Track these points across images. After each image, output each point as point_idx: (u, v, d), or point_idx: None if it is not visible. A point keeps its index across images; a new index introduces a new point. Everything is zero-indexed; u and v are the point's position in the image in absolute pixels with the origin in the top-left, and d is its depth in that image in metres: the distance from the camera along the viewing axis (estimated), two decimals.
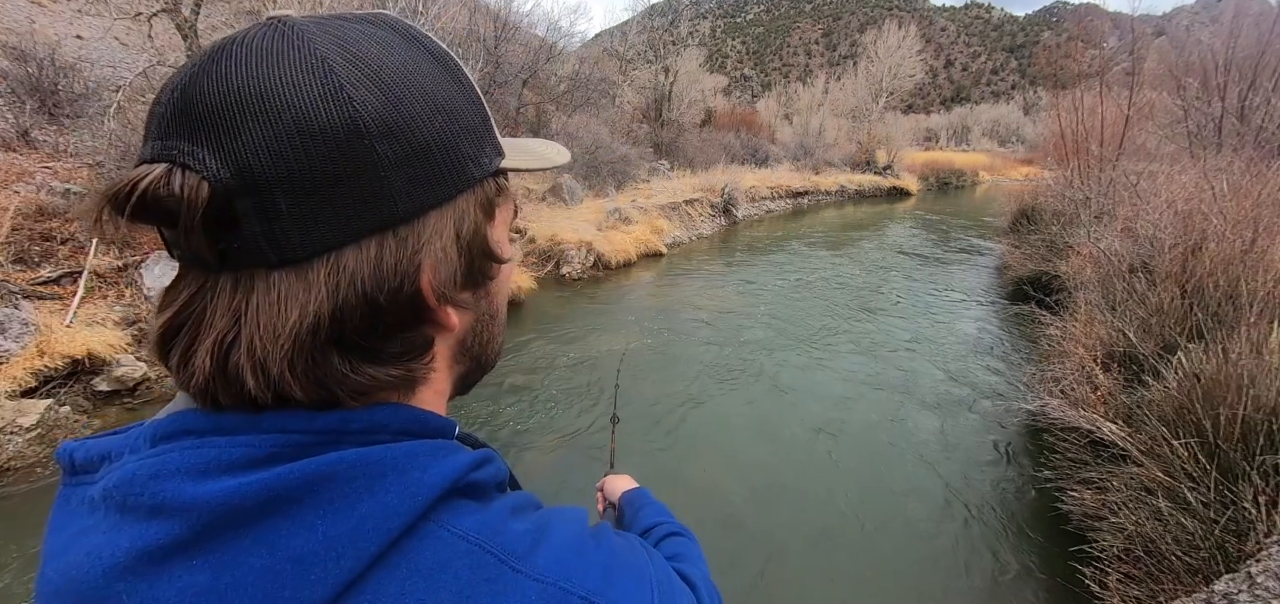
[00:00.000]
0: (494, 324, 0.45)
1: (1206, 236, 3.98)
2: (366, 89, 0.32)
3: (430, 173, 0.34)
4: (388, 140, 0.32)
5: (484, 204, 0.39)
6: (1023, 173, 25.91)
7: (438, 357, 0.40)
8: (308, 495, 0.31)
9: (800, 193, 18.24)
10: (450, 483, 0.34)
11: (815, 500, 3.52)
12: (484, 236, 0.39)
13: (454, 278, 0.37)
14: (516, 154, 0.43)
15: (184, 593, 0.28)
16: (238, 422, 0.33)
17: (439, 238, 0.36)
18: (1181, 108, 9.64)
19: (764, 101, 39.16)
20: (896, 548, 3.15)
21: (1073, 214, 7.55)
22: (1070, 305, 5.22)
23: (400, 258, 0.34)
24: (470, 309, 0.41)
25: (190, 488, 0.30)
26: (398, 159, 0.33)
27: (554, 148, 0.49)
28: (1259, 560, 2.05)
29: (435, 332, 0.39)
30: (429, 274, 0.35)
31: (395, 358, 0.36)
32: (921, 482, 3.72)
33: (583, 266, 8.54)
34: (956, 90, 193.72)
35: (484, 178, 0.39)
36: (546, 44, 14.43)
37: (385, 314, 0.34)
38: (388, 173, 0.32)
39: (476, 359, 0.45)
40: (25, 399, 3.88)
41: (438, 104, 0.35)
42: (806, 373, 5.38)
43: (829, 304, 7.61)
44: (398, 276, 0.34)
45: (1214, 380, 2.76)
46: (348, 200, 0.31)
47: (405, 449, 0.34)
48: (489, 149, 0.39)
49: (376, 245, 0.33)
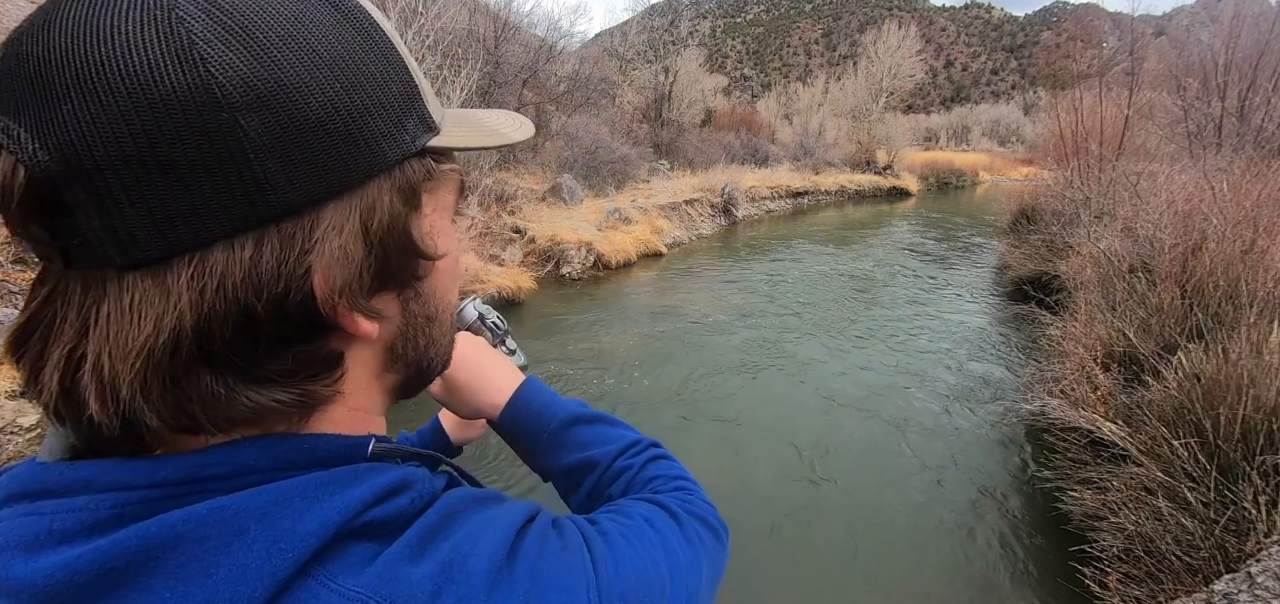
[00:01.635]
0: (433, 326, 0.39)
1: (1206, 236, 3.98)
2: (228, 48, 0.25)
3: (321, 155, 0.28)
4: (256, 113, 0.26)
5: (404, 191, 0.32)
6: (1023, 173, 25.93)
7: (353, 371, 0.34)
8: (153, 564, 0.26)
9: (800, 193, 18.24)
10: (335, 528, 0.28)
11: (813, 500, 3.52)
12: (404, 230, 0.33)
13: (360, 281, 0.31)
14: (459, 128, 0.37)
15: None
16: (71, 477, 0.28)
17: (337, 233, 0.29)
18: (1181, 108, 9.64)
19: (764, 101, 39.18)
20: (895, 547, 3.15)
21: (1073, 214, 7.55)
22: (1070, 305, 5.22)
23: (283, 258, 0.28)
24: (394, 315, 0.35)
25: (20, 566, 0.26)
26: (272, 138, 0.26)
27: (514, 121, 0.43)
28: (1259, 560, 2.05)
29: (345, 343, 0.33)
30: (323, 277, 0.29)
31: (286, 377, 0.30)
32: (921, 481, 3.72)
33: (582, 266, 8.54)
34: (956, 90, 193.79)
35: (404, 159, 0.32)
36: (546, 44, 14.43)
37: (267, 326, 0.28)
38: (259, 155, 0.26)
39: (414, 366, 0.39)
40: (25, 399, 3.88)
41: (334, 68, 0.28)
42: (805, 372, 5.38)
43: (828, 305, 7.61)
44: (280, 281, 0.28)
45: (1214, 380, 2.76)
46: (208, 189, 0.25)
47: (275, 492, 0.28)
48: (413, 124, 0.33)
49: (252, 244, 0.27)
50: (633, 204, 11.35)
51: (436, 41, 6.81)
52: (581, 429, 0.59)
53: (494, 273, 6.92)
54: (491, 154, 9.98)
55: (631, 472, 0.57)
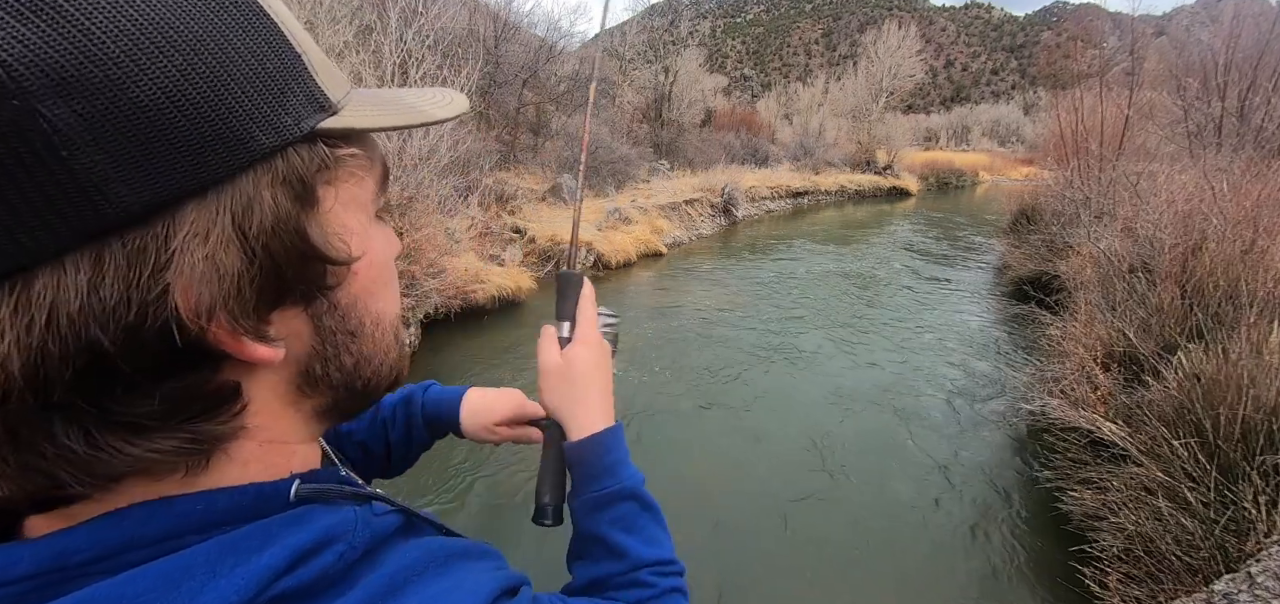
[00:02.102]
0: (360, 342, 0.33)
1: (1206, 236, 3.98)
2: (15, 18, 0.20)
3: (167, 145, 0.23)
4: (66, 100, 0.20)
5: (291, 183, 0.27)
6: (1023, 173, 25.92)
7: (259, 401, 0.29)
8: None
9: (800, 193, 18.24)
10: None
11: (812, 500, 3.52)
12: (297, 230, 0.27)
13: (242, 296, 0.25)
14: (369, 109, 0.32)
15: None
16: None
17: (201, 242, 0.24)
18: (1181, 108, 9.64)
19: (764, 101, 39.18)
20: (895, 547, 3.15)
21: (1073, 214, 7.55)
22: (1070, 305, 5.22)
23: (131, 279, 0.23)
24: (303, 333, 0.30)
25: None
26: (93, 129, 0.21)
27: (443, 97, 0.37)
28: (1259, 560, 2.05)
29: (241, 374, 0.28)
30: (185, 296, 0.24)
31: (165, 420, 0.25)
32: (921, 481, 3.72)
33: (583, 267, 8.54)
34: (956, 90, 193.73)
35: (284, 145, 0.27)
36: (546, 44, 14.43)
37: (120, 362, 0.23)
38: (77, 151, 0.21)
39: (345, 387, 0.33)
40: None
41: (172, 38, 0.23)
42: (805, 371, 5.37)
43: (829, 304, 7.61)
44: (131, 307, 0.23)
45: (1214, 380, 2.76)
46: (13, 199, 0.20)
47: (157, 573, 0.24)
48: (297, 102, 0.28)
49: (88, 264, 0.22)
50: (633, 204, 11.35)
51: (436, 41, 6.81)
52: (631, 511, 0.55)
53: (494, 273, 6.92)
54: (492, 154, 9.98)
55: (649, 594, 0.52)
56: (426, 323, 5.76)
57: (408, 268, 5.62)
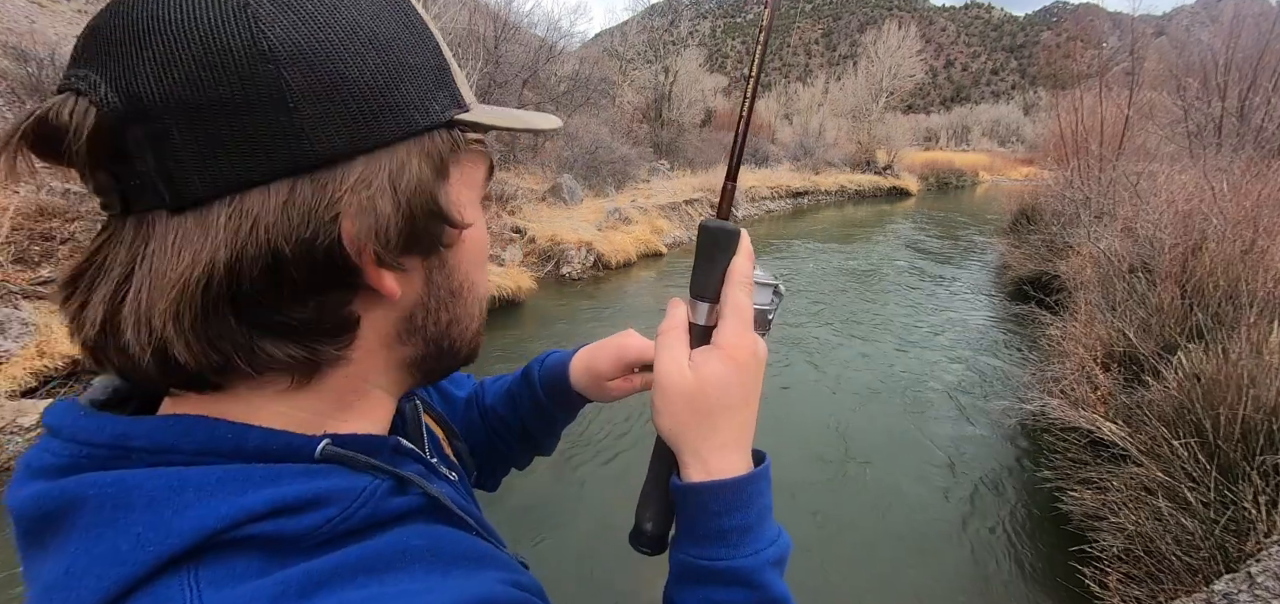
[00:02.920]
0: (457, 303, 0.39)
1: (1206, 236, 3.98)
2: (279, 11, 0.28)
3: (355, 111, 0.30)
4: (298, 68, 0.28)
5: (432, 157, 0.34)
6: (1023, 173, 25.93)
7: (367, 337, 0.35)
8: (68, 517, 0.28)
9: (800, 193, 18.24)
10: (207, 534, 0.27)
11: (811, 501, 3.52)
12: (431, 194, 0.34)
13: (388, 235, 0.31)
14: (490, 113, 0.38)
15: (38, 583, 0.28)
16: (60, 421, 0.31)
17: (366, 187, 0.31)
18: (1181, 108, 9.64)
19: (764, 101, 39.19)
20: (894, 546, 3.15)
21: (1073, 214, 7.55)
22: (1070, 305, 5.22)
23: (315, 204, 0.29)
24: (418, 281, 0.36)
25: (19, 488, 0.30)
26: (311, 91, 0.29)
27: (542, 116, 0.43)
28: (1259, 560, 2.05)
29: (364, 307, 0.34)
30: (351, 225, 0.30)
31: (301, 331, 0.31)
32: (920, 480, 3.72)
33: (583, 266, 8.54)
34: (956, 90, 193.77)
35: (431, 128, 0.34)
36: (546, 44, 14.43)
37: (292, 269, 0.29)
38: (299, 105, 0.28)
39: (435, 343, 0.38)
40: (25, 399, 3.88)
41: (371, 37, 0.31)
42: (804, 371, 5.37)
43: (828, 304, 7.61)
44: (310, 225, 0.29)
45: (1214, 380, 2.76)
46: (250, 134, 0.28)
47: (173, 478, 0.28)
48: (443, 97, 0.35)
49: (287, 189, 0.29)
50: (633, 204, 11.35)
51: None
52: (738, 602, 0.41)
53: (494, 273, 6.92)
54: (492, 153, 9.97)
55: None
56: None
57: None
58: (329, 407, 0.35)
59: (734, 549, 0.41)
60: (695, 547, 0.42)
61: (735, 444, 0.43)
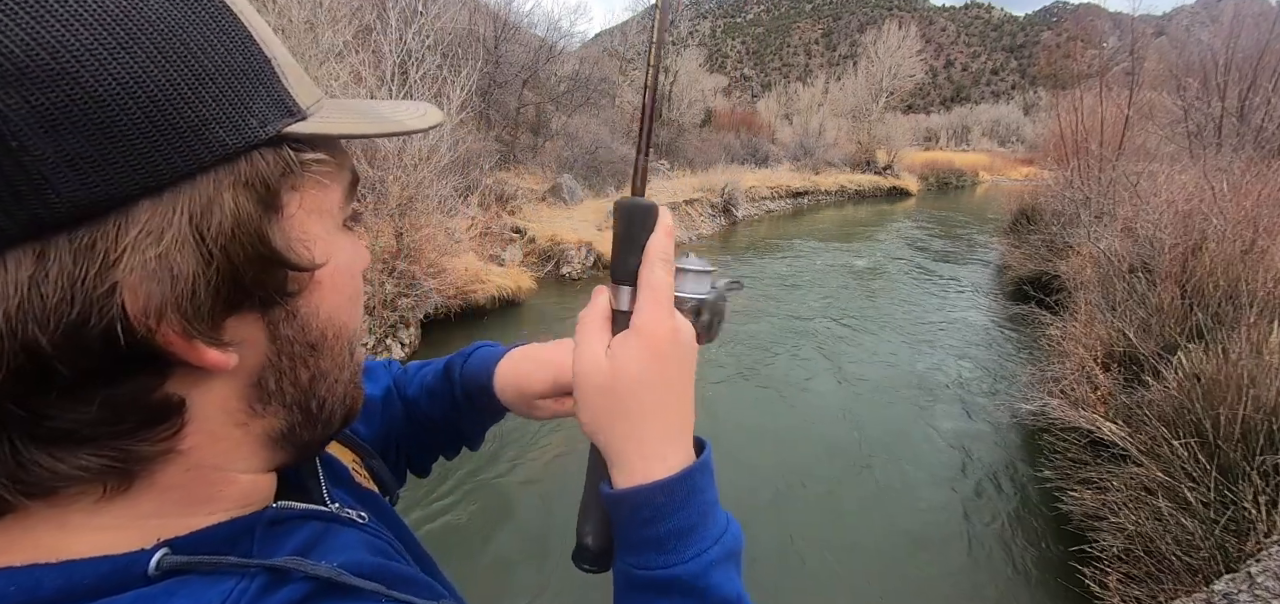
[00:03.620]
0: (320, 355, 0.31)
1: (1206, 236, 3.98)
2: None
3: (121, 140, 0.22)
4: (16, 88, 0.20)
5: (253, 186, 0.26)
6: (1023, 173, 25.92)
7: (203, 419, 0.28)
8: None
9: (800, 193, 18.24)
10: None
11: (810, 501, 3.52)
12: (257, 233, 0.26)
13: (197, 298, 0.24)
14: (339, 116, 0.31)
15: None
16: None
17: (154, 241, 0.23)
18: (1181, 108, 9.64)
19: (764, 101, 39.19)
20: (894, 545, 3.15)
21: (1073, 214, 7.55)
22: (1070, 305, 5.22)
23: (77, 276, 0.22)
24: (258, 341, 0.29)
25: None
26: (44, 119, 0.20)
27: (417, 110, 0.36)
28: (1259, 560, 2.05)
29: (187, 386, 0.26)
30: (137, 296, 0.23)
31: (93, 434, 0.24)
32: (920, 480, 3.72)
33: (583, 266, 8.54)
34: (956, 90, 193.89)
35: (249, 148, 0.26)
36: (546, 44, 14.43)
37: (58, 363, 0.22)
38: (27, 142, 0.20)
39: (300, 407, 0.31)
40: None
41: (134, 32, 0.22)
42: (804, 371, 5.37)
43: (828, 304, 7.61)
44: (74, 305, 0.22)
45: (1214, 380, 2.76)
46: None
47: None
48: (262, 104, 0.27)
49: (31, 259, 0.21)
50: None
51: (437, 41, 6.81)
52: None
53: (494, 273, 6.92)
54: (492, 154, 9.97)
55: None
56: (426, 322, 5.76)
57: (408, 267, 5.62)
58: (171, 508, 0.28)
59: (672, 555, 0.36)
60: (631, 556, 0.37)
61: (665, 439, 0.38)
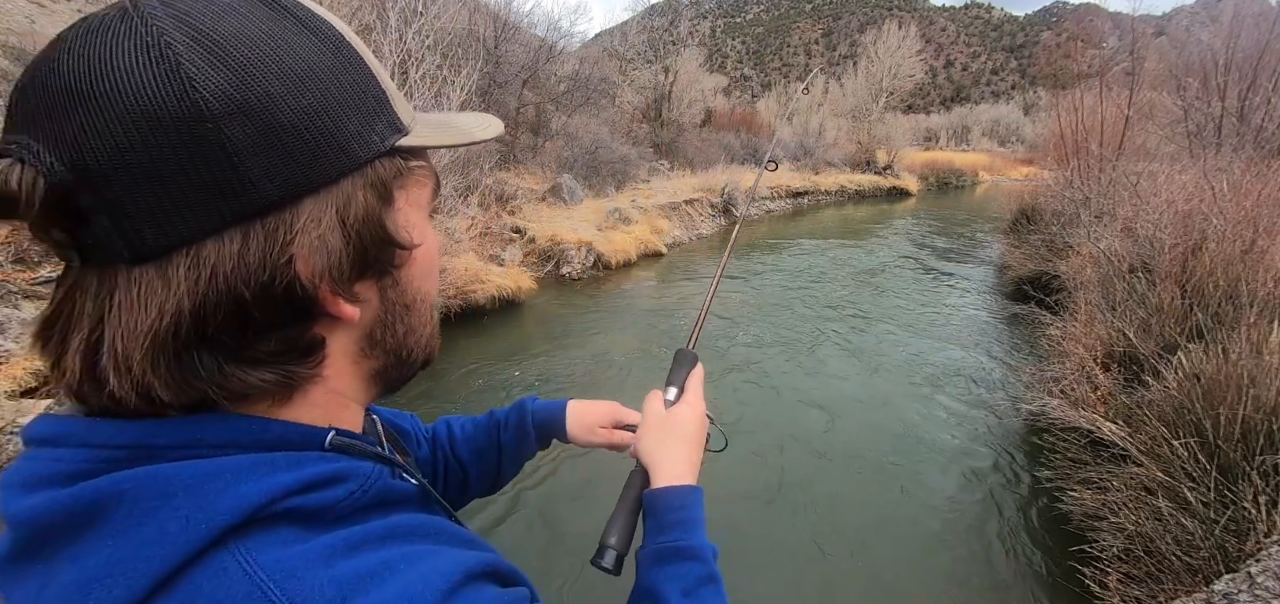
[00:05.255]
0: (411, 314, 0.41)
1: (1206, 236, 3.98)
2: (210, 67, 0.29)
3: (297, 155, 0.31)
4: (238, 122, 0.29)
5: (377, 186, 0.36)
6: (1023, 173, 25.91)
7: (334, 355, 0.37)
8: (101, 514, 0.29)
9: (800, 193, 18.23)
10: (252, 509, 0.30)
11: (810, 502, 3.52)
12: (378, 222, 0.36)
13: (340, 267, 0.34)
14: (429, 130, 0.40)
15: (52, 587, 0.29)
16: (76, 431, 0.32)
17: (316, 225, 0.32)
18: (1181, 108, 9.63)
19: (764, 101, 39.16)
20: (893, 546, 3.15)
21: (1073, 214, 7.55)
22: (1070, 305, 5.22)
23: (268, 249, 0.31)
24: (373, 301, 0.38)
25: (17, 501, 0.30)
26: (253, 142, 0.30)
27: (482, 121, 0.46)
28: (1259, 560, 2.05)
29: (327, 330, 0.36)
30: (305, 264, 0.32)
31: (271, 359, 0.33)
32: (919, 479, 3.71)
33: (583, 267, 8.54)
34: (956, 90, 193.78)
35: (374, 158, 0.35)
36: (546, 44, 14.42)
37: (254, 310, 0.31)
38: (242, 158, 0.29)
39: (394, 353, 0.41)
40: (25, 399, 3.88)
41: (305, 79, 0.32)
42: (804, 371, 5.37)
43: (828, 304, 7.61)
44: (266, 269, 0.31)
45: (1214, 380, 2.76)
46: (199, 190, 0.29)
47: (209, 467, 0.31)
48: (382, 126, 0.36)
49: (239, 237, 0.30)
50: (633, 204, 11.34)
51: (437, 41, 6.81)
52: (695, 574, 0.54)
53: (494, 273, 6.91)
54: (492, 154, 9.97)
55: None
56: None
57: None
58: (320, 412, 0.38)
59: (688, 533, 0.57)
60: (660, 535, 0.57)
61: (687, 469, 0.63)
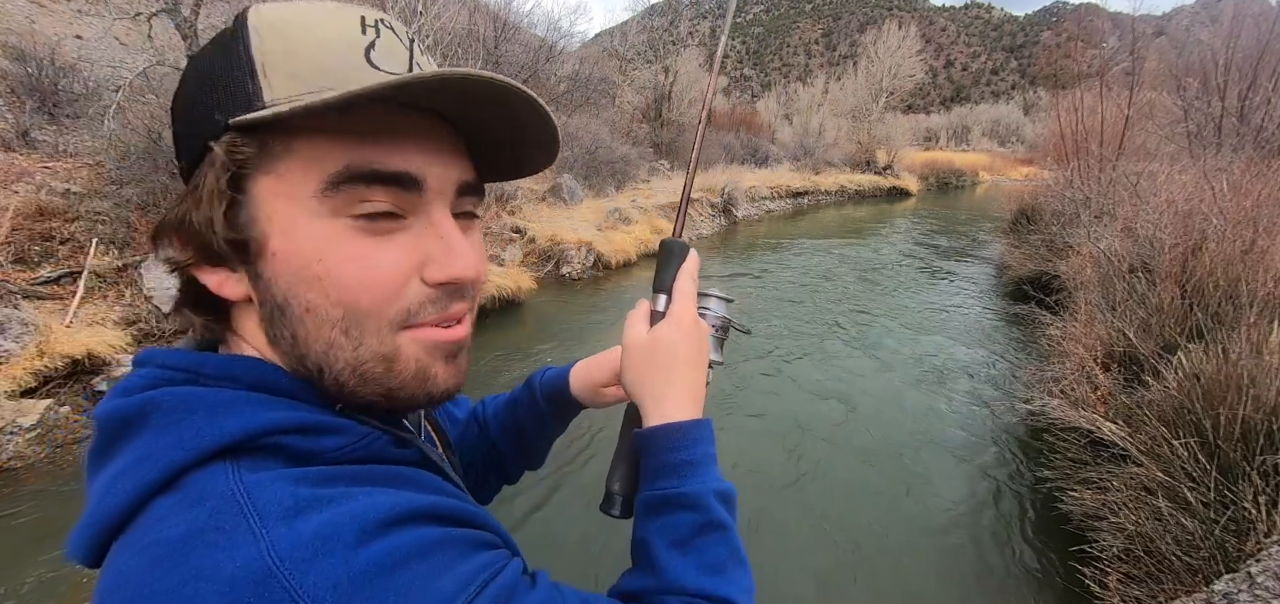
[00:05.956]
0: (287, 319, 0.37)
1: (1206, 236, 3.98)
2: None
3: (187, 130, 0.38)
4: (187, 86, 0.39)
5: (220, 168, 0.35)
6: (1023, 173, 25.91)
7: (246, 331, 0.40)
8: (142, 419, 0.35)
9: (800, 193, 18.23)
10: (249, 434, 0.34)
11: (809, 501, 3.52)
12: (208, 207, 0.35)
13: (196, 242, 0.37)
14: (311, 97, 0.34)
15: (99, 483, 0.35)
16: (155, 354, 0.38)
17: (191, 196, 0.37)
18: (1181, 108, 9.63)
19: (764, 101, 39.16)
20: (893, 548, 3.14)
21: (1073, 214, 7.54)
22: (1070, 305, 5.22)
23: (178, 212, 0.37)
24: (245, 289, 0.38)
25: (104, 405, 0.36)
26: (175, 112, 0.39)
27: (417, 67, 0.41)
28: (1259, 560, 2.05)
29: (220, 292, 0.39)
30: (179, 230, 0.37)
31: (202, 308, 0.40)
32: (919, 479, 3.71)
33: (583, 267, 8.53)
34: (956, 90, 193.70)
35: (212, 137, 0.35)
36: (546, 44, 14.42)
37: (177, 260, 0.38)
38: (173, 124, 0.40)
39: (295, 357, 0.38)
40: (25, 399, 3.88)
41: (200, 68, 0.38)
42: (803, 372, 5.37)
43: (828, 304, 7.61)
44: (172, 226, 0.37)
45: (1214, 380, 2.76)
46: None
47: (226, 395, 0.36)
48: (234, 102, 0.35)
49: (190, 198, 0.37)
50: (633, 204, 11.34)
51: (437, 41, 6.80)
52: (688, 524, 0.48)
53: (494, 273, 6.92)
54: None
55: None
56: None
57: None
58: None
59: (682, 480, 0.49)
60: (651, 483, 0.50)
61: (686, 400, 0.53)
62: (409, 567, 0.31)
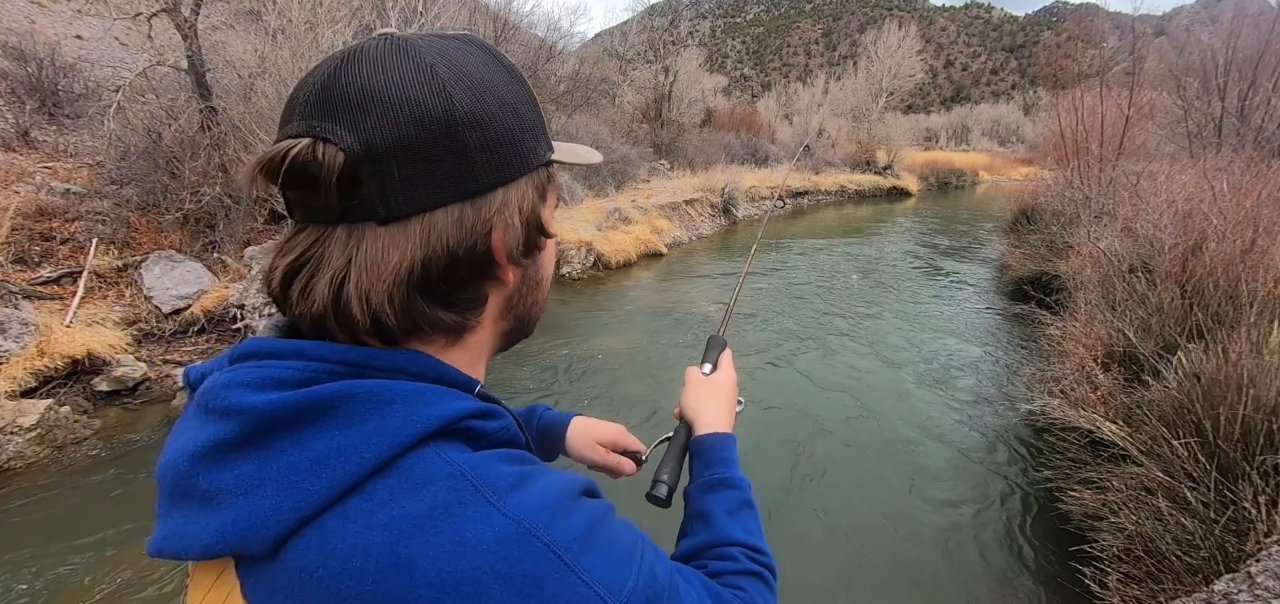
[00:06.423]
0: (537, 290, 0.54)
1: (1206, 236, 3.98)
2: (461, 89, 0.41)
3: (503, 157, 0.44)
4: (475, 129, 0.42)
5: (538, 187, 0.48)
6: (1023, 173, 25.89)
7: (488, 312, 0.49)
8: (331, 410, 0.38)
9: (800, 193, 18.24)
10: (449, 420, 0.40)
11: (809, 502, 3.52)
12: (537, 213, 0.48)
13: (516, 243, 0.46)
14: (562, 151, 0.53)
15: (237, 477, 0.37)
16: (291, 348, 0.41)
17: (505, 209, 0.45)
18: (1181, 108, 9.63)
19: (764, 101, 39.12)
20: (893, 545, 3.15)
21: (1073, 214, 7.55)
22: (1070, 305, 5.22)
23: (476, 222, 0.43)
24: (517, 275, 0.49)
25: (249, 397, 0.38)
26: (481, 144, 0.42)
27: (590, 151, 0.59)
28: (1259, 560, 2.05)
29: (492, 289, 0.48)
30: (499, 236, 0.44)
31: (457, 306, 0.45)
32: (919, 481, 3.71)
33: (583, 267, 8.54)
34: (956, 90, 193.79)
35: (539, 166, 0.48)
36: (546, 44, 14.41)
37: (460, 266, 0.43)
38: (473, 154, 0.42)
39: (520, 319, 0.53)
40: (25, 399, 3.88)
41: (509, 104, 0.45)
42: (803, 372, 5.37)
43: (828, 304, 7.61)
44: (473, 237, 0.43)
45: (1214, 380, 2.76)
46: (442, 173, 0.41)
47: (416, 388, 0.41)
48: (543, 144, 0.49)
49: (459, 210, 0.42)
50: (633, 204, 11.34)
51: None
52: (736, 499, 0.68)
53: None
54: None
55: (733, 568, 0.62)
56: None
57: None
58: (469, 361, 0.49)
59: (728, 469, 0.71)
60: (707, 471, 0.71)
61: (726, 423, 0.79)
62: (604, 523, 0.42)
